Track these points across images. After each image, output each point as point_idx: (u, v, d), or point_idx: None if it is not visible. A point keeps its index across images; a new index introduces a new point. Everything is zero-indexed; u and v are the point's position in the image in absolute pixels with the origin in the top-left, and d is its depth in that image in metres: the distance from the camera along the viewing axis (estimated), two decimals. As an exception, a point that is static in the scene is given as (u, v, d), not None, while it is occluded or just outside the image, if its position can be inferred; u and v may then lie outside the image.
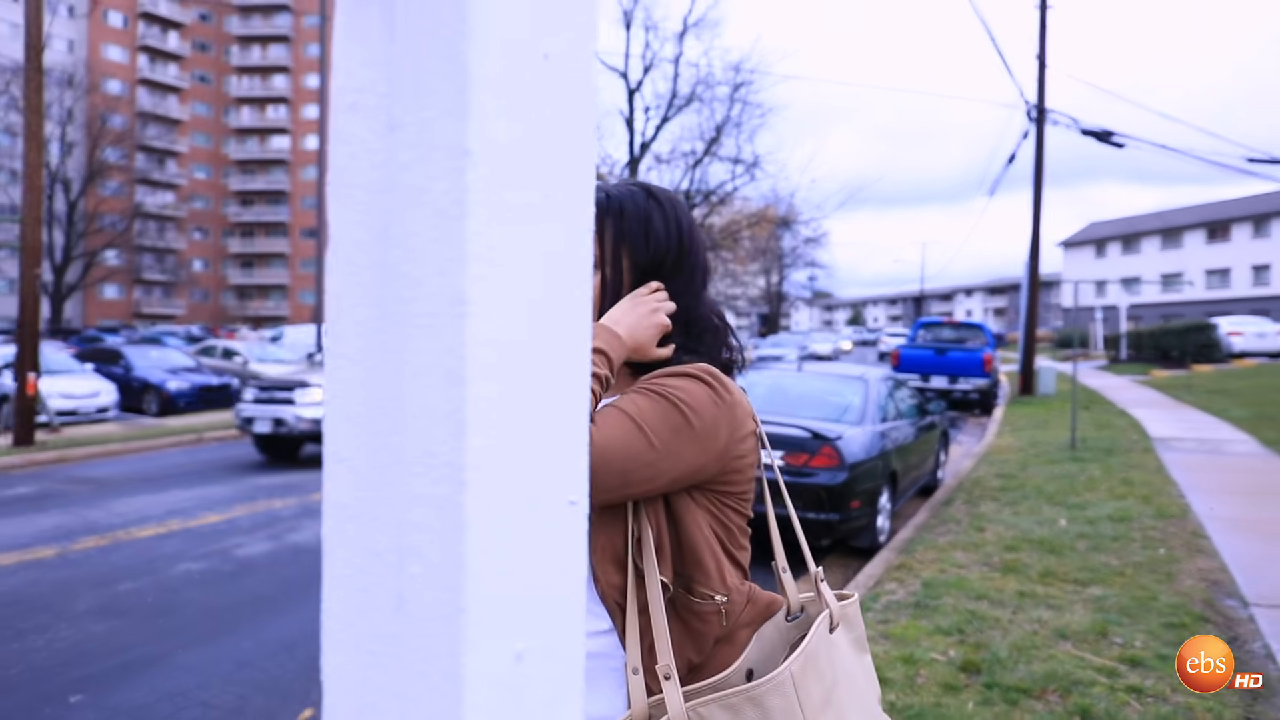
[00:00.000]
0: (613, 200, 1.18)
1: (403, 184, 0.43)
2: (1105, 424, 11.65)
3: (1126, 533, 5.74)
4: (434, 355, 0.41)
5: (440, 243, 0.41)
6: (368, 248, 0.44)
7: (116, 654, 4.31)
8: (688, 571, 1.08)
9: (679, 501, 1.09)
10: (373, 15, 0.43)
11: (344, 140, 0.45)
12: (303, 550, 6.27)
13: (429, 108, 0.42)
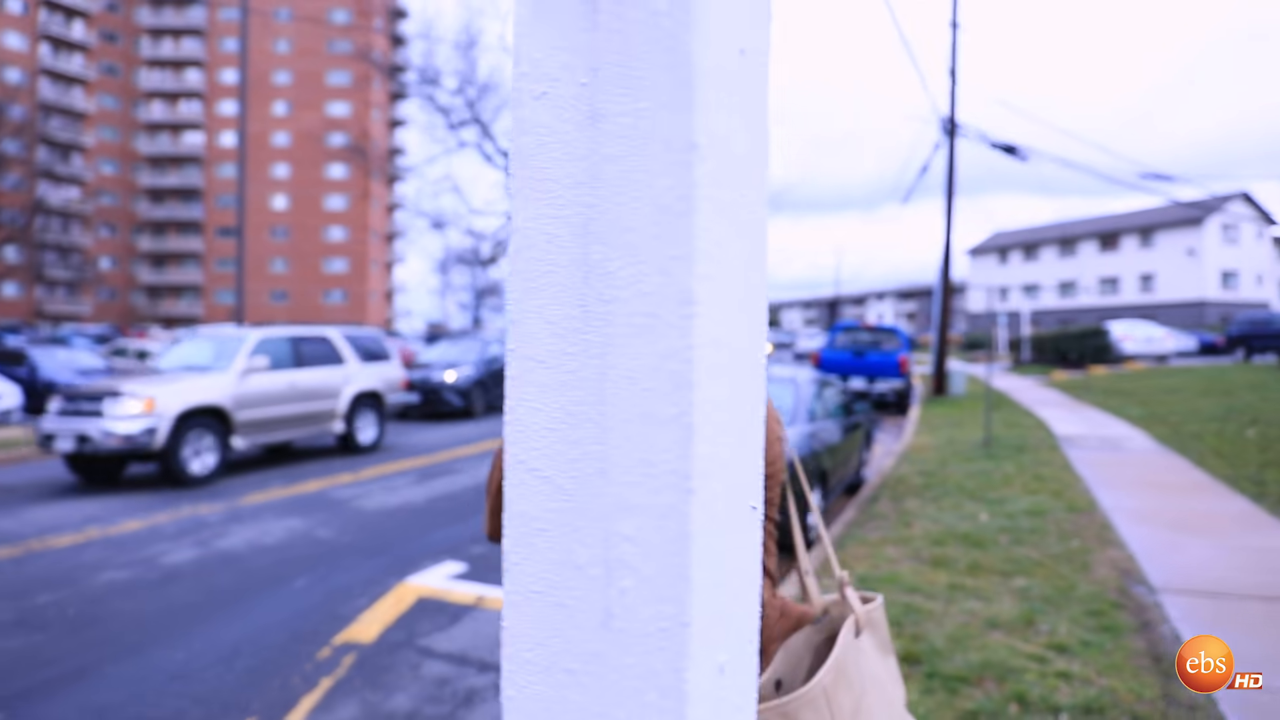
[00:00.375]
0: None
1: (610, 178, 0.41)
2: (1014, 423, 12.11)
3: (1043, 526, 5.98)
4: (653, 358, 0.39)
5: (662, 240, 0.39)
6: (564, 244, 0.42)
7: (37, 669, 4.07)
8: None
9: None
10: (569, 1, 0.41)
11: (532, 130, 0.43)
12: (233, 557, 6.03)
13: (643, 99, 0.40)
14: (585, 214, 0.39)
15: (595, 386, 0.38)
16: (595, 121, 0.38)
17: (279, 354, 10.41)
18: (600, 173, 0.38)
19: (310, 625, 4.64)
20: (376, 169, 32.92)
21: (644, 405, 0.37)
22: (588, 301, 0.38)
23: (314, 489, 8.68)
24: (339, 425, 11.03)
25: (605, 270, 0.37)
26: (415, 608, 4.94)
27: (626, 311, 0.37)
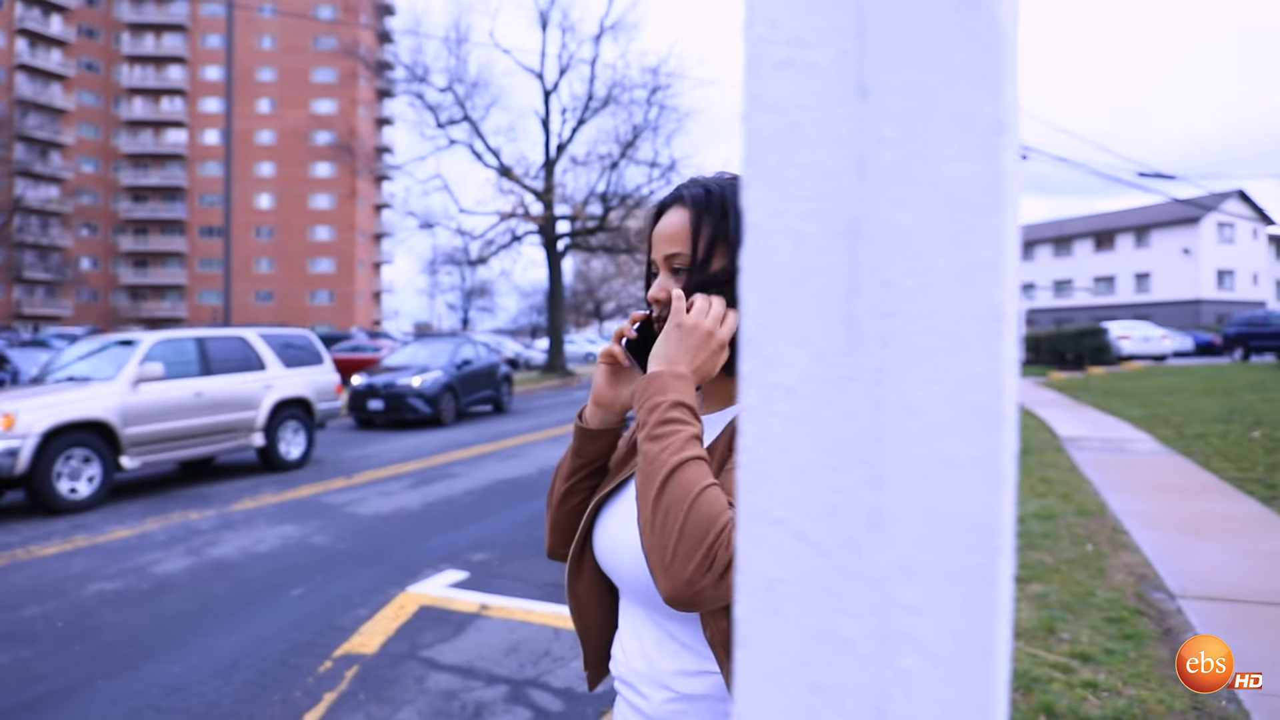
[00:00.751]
0: (713, 196, 1.09)
1: (883, 165, 0.33)
2: (1018, 424, 12.09)
3: (1054, 530, 5.93)
4: (949, 386, 0.32)
5: (961, 242, 0.31)
6: (819, 245, 0.34)
7: (26, 686, 3.96)
8: None
9: None
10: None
11: (772, 108, 0.35)
12: (227, 565, 5.92)
13: (930, 67, 0.32)
14: (850, 209, 0.30)
15: (866, 421, 0.30)
16: (863, 96, 0.30)
17: (181, 360, 9.21)
18: (870, 159, 0.30)
19: (309, 636, 4.55)
20: (363, 167, 32.68)
21: (935, 444, 0.29)
22: (856, 317, 0.30)
23: (307, 494, 8.56)
24: (258, 439, 9.85)
25: (882, 279, 0.30)
26: (417, 617, 4.85)
27: (912, 329, 0.29)
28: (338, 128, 36.77)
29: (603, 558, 1.13)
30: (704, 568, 0.84)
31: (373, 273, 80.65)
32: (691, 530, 0.86)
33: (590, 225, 28.35)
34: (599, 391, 1.17)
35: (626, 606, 1.14)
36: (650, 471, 0.92)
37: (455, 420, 15.21)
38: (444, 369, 15.08)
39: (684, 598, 0.86)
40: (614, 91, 28.17)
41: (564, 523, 1.22)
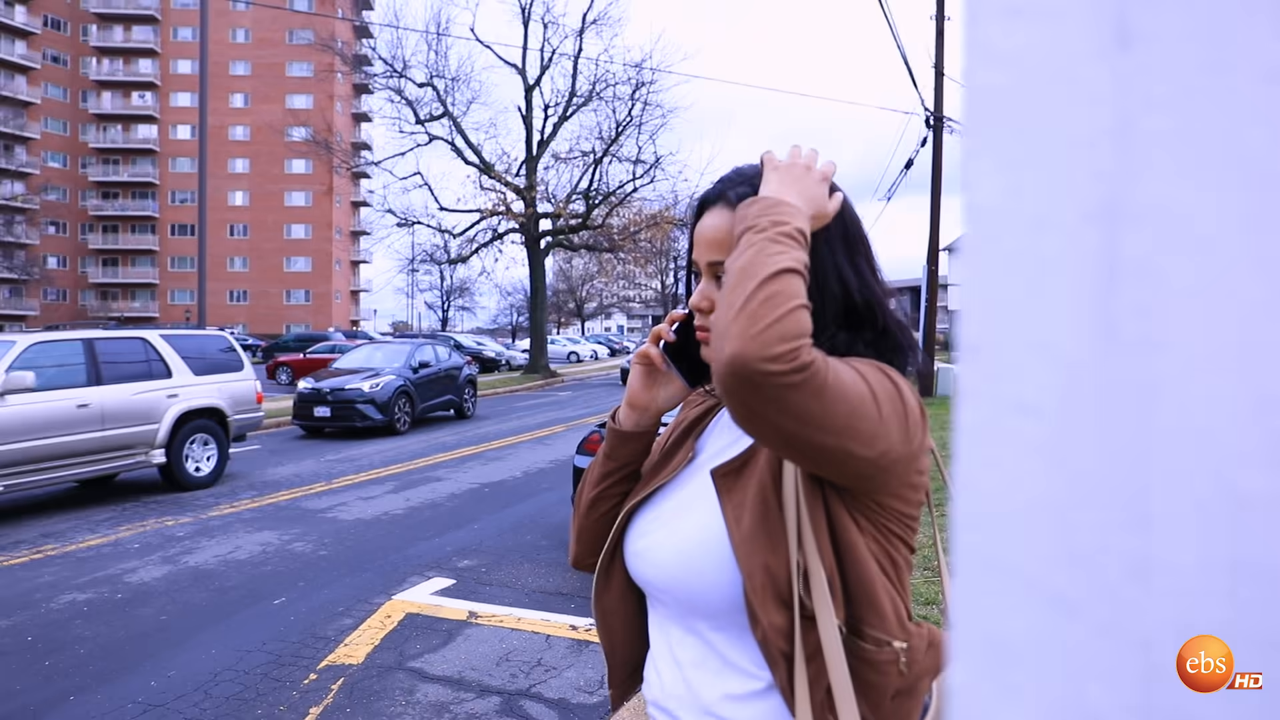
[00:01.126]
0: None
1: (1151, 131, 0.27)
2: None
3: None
4: (1242, 404, 0.25)
5: (1260, 227, 0.25)
6: (1068, 230, 0.28)
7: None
8: (859, 613, 0.92)
9: (845, 527, 0.93)
10: None
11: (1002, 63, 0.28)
12: (205, 574, 5.78)
13: (1214, 8, 0.26)
14: (1107, 186, 0.24)
15: (1128, 446, 0.24)
16: (1124, 46, 0.24)
17: (63, 365, 7.93)
18: (1134, 124, 0.24)
19: (293, 648, 4.43)
20: (341, 164, 32.36)
21: (1221, 476, 0.23)
22: (1116, 317, 0.23)
23: (286, 499, 8.41)
24: (157, 455, 8.58)
25: (1148, 270, 0.23)
26: (404, 626, 4.75)
27: (1190, 333, 0.23)
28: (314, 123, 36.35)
29: (637, 566, 1.08)
30: (788, 359, 0.80)
31: (350, 271, 79.97)
32: (788, 325, 0.82)
33: (573, 223, 28.24)
34: (634, 394, 1.13)
35: (661, 622, 1.07)
36: (762, 259, 0.86)
37: (411, 428, 14.12)
38: (398, 373, 13.97)
39: (755, 365, 0.80)
40: (597, 87, 28.08)
41: (592, 530, 1.17)
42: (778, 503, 0.94)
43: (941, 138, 16.69)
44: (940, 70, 16.44)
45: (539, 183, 28.01)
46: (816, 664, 0.90)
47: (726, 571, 0.95)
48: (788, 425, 0.83)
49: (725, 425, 1.11)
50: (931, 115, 16.63)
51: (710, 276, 1.05)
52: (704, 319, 1.04)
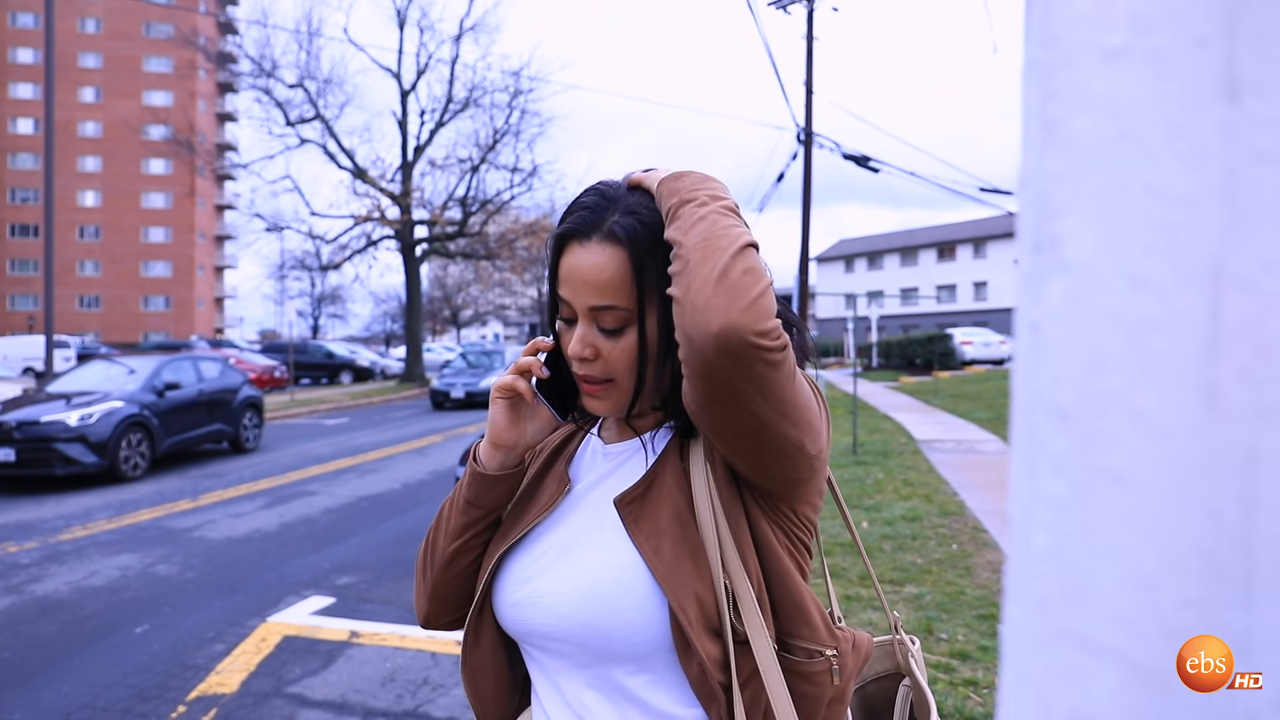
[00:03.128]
0: (650, 230, 0.91)
1: (1262, 188, 0.25)
2: (875, 428, 12.65)
3: (921, 531, 6.20)
4: None
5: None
6: (1167, 290, 0.26)
7: None
8: (788, 627, 0.90)
9: (767, 539, 0.91)
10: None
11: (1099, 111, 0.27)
12: (55, 603, 5.32)
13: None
14: (1211, 245, 0.23)
15: (1231, 518, 0.23)
16: (1233, 97, 0.23)
17: None
18: (1243, 179, 0.23)
19: (157, 679, 4.13)
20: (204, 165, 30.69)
21: None
22: (1218, 384, 0.22)
23: (147, 519, 7.86)
24: None
25: (1255, 335, 0.22)
26: (281, 650, 4.51)
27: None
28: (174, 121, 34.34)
29: (520, 616, 0.96)
30: (775, 335, 0.79)
31: (214, 277, 75.83)
32: (769, 300, 0.81)
33: (449, 230, 27.74)
34: (499, 432, 1.00)
35: (553, 678, 0.96)
36: (722, 230, 0.83)
37: (153, 469, 10.68)
38: (130, 398, 10.40)
39: (748, 337, 0.77)
40: (474, 94, 27.74)
41: (450, 587, 1.04)
42: (695, 526, 0.90)
43: (811, 152, 17.30)
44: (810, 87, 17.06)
45: (415, 189, 27.46)
46: (752, 688, 0.87)
47: (650, 608, 0.87)
48: (763, 410, 0.81)
49: (596, 453, 1.04)
50: (802, 130, 17.22)
51: (591, 323, 0.93)
52: (587, 368, 0.95)
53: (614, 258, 0.90)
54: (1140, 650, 0.26)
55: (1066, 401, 0.27)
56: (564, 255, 0.94)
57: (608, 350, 0.93)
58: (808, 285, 18.71)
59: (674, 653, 0.87)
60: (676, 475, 0.93)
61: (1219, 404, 0.25)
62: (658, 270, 0.89)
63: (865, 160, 15.41)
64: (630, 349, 0.92)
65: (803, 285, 18.45)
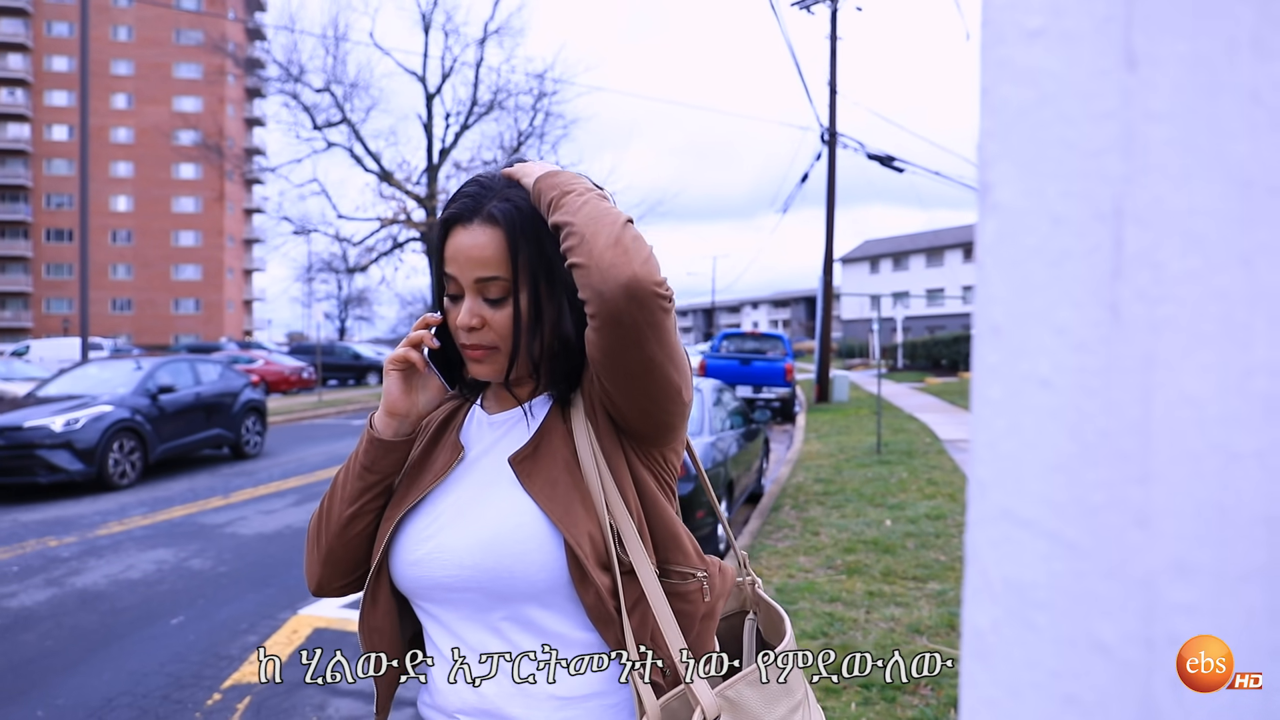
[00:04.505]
0: (525, 215, 1.05)
1: (1153, 141, 0.31)
2: (900, 428, 12.63)
3: (946, 529, 6.20)
4: (1230, 374, 0.30)
5: (1245, 226, 0.30)
6: (1078, 227, 0.32)
7: None
8: (665, 555, 1.05)
9: (644, 481, 1.06)
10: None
11: (1021, 79, 0.32)
12: (94, 595, 5.46)
13: (1207, 37, 0.30)
14: (1114, 189, 0.29)
15: (1132, 412, 0.29)
16: (1131, 67, 0.29)
17: None
18: (1138, 135, 0.29)
19: (193, 668, 4.24)
20: (233, 169, 31.14)
21: (1212, 436, 0.28)
22: (1119, 302, 0.28)
23: (180, 515, 8.03)
24: None
25: (1149, 262, 0.28)
26: (311, 641, 4.61)
27: (1184, 315, 0.28)
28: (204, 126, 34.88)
29: (421, 573, 1.05)
30: (666, 286, 0.95)
31: (243, 280, 76.82)
32: (656, 259, 0.96)
33: (475, 233, 27.88)
34: (394, 401, 1.10)
35: (459, 629, 1.05)
36: (606, 208, 0.98)
37: (146, 476, 10.15)
38: (121, 402, 9.92)
39: (649, 287, 0.92)
40: (499, 97, 27.93)
41: (344, 550, 1.12)
42: (581, 475, 1.02)
43: (836, 153, 17.24)
44: (834, 87, 17.01)
45: (440, 191, 27.66)
46: (639, 611, 0.99)
47: (548, 548, 0.98)
48: (657, 353, 0.96)
49: (482, 423, 1.14)
50: (826, 131, 17.18)
51: (477, 294, 1.04)
52: (474, 337, 1.05)
53: (494, 237, 1.03)
54: (1061, 524, 0.32)
55: (999, 320, 0.33)
56: (449, 238, 1.06)
57: (492, 318, 1.04)
58: (832, 286, 18.65)
59: (571, 586, 0.98)
60: (561, 434, 1.06)
61: (1122, 318, 0.31)
62: (529, 251, 1.03)
63: (890, 160, 15.36)
64: (510, 317, 1.04)
65: (827, 286, 18.40)
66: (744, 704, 1.00)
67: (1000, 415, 0.33)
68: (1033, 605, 0.32)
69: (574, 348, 1.06)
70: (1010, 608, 0.32)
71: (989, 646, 0.33)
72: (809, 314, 79.20)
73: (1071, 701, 0.32)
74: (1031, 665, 0.32)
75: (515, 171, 1.09)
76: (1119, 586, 0.31)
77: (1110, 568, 0.31)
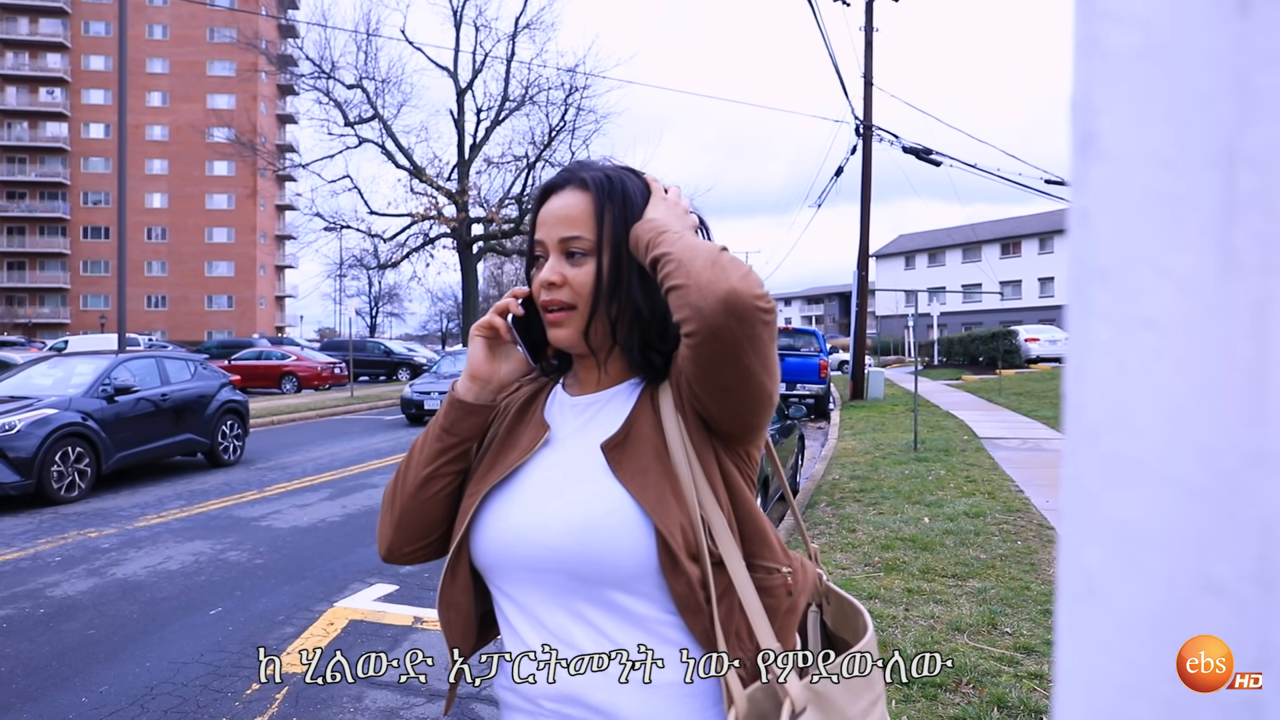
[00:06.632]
0: (614, 183, 1.10)
1: (1266, 87, 0.31)
2: (936, 426, 12.51)
3: (984, 527, 6.14)
4: None
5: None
6: (1187, 170, 0.32)
7: (-85, 727, 3.61)
8: (752, 549, 1.05)
9: (732, 475, 1.06)
10: None
11: (1128, 25, 0.33)
12: (134, 585, 5.57)
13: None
14: (1226, 133, 0.29)
15: (1245, 353, 0.29)
16: (1244, 13, 0.29)
17: None
18: (1251, 79, 0.29)
19: (232, 658, 4.31)
20: (266, 166, 31.53)
21: None
22: (1232, 245, 0.28)
23: (216, 508, 8.16)
24: None
25: (1262, 204, 0.28)
26: (348, 633, 4.67)
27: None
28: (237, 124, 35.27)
29: (505, 551, 1.06)
30: (768, 300, 0.96)
31: (275, 276, 77.83)
32: (755, 274, 0.97)
33: (505, 228, 28.04)
34: (477, 365, 1.14)
35: (538, 611, 1.05)
36: (707, 245, 1.01)
37: (99, 487, 9.12)
38: (67, 404, 8.86)
39: (749, 300, 0.93)
40: (530, 91, 28.03)
41: (417, 514, 1.13)
42: (672, 465, 1.03)
43: (871, 146, 17.09)
44: (869, 80, 16.85)
45: (471, 187, 27.78)
46: (726, 602, 1.00)
47: (638, 536, 0.99)
48: (754, 364, 0.97)
49: (564, 405, 1.15)
50: (861, 124, 17.03)
51: (560, 253, 1.09)
52: (554, 293, 1.08)
53: (582, 199, 1.08)
54: (1174, 465, 0.32)
55: (1107, 264, 0.33)
56: (542, 207, 1.12)
57: (572, 277, 1.07)
58: (867, 281, 18.50)
59: (659, 574, 0.99)
60: (651, 423, 1.07)
61: (1233, 261, 0.32)
62: (614, 214, 1.07)
63: (927, 153, 15.20)
64: (590, 275, 1.07)
65: (862, 281, 18.26)
66: (830, 697, 1.00)
67: (1109, 358, 0.33)
68: (1144, 546, 0.33)
69: (645, 319, 1.08)
70: (1119, 549, 0.33)
71: (1096, 586, 0.34)
72: (843, 310, 78.44)
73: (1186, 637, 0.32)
74: (1142, 605, 0.33)
75: (654, 184, 1.14)
76: (1235, 527, 0.31)
77: (1225, 508, 0.31)
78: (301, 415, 17.35)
